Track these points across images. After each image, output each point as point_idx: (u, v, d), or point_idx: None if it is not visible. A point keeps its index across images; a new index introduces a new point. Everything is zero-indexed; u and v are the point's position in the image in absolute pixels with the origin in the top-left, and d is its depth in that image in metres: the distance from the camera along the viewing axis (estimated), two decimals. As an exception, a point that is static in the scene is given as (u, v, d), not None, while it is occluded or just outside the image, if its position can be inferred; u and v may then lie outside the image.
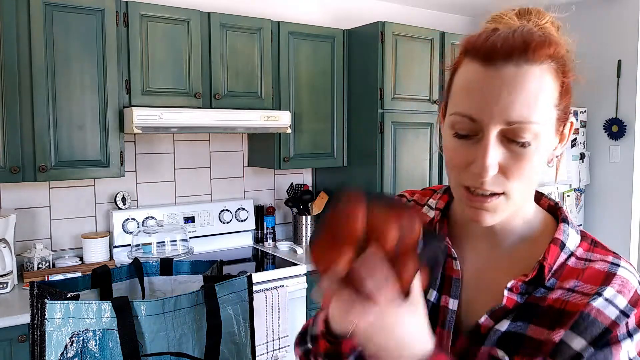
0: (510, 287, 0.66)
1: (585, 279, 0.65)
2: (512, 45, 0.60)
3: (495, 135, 0.61)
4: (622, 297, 0.63)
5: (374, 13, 3.49)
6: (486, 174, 0.61)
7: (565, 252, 0.68)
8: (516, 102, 0.60)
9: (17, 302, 2.10)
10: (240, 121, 2.52)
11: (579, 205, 3.62)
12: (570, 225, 0.71)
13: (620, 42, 3.47)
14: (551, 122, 0.63)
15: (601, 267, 0.66)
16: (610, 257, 0.67)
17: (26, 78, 2.17)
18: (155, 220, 2.69)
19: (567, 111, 0.66)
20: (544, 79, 0.61)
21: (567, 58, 0.64)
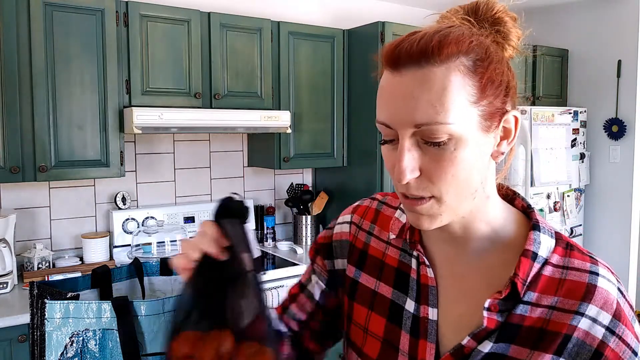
0: (488, 307, 0.64)
1: (565, 292, 0.64)
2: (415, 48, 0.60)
3: (409, 139, 0.61)
4: (605, 313, 0.63)
5: (374, 13, 3.49)
6: (403, 178, 0.61)
7: (538, 262, 0.66)
8: (420, 104, 0.59)
9: (17, 302, 2.10)
10: (240, 121, 2.52)
11: (579, 205, 3.62)
12: (542, 230, 0.68)
13: (620, 42, 3.47)
14: (472, 121, 0.61)
15: (581, 278, 0.65)
16: (588, 265, 0.66)
17: (26, 78, 2.17)
18: (155, 220, 2.69)
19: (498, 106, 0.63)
20: (450, 78, 0.59)
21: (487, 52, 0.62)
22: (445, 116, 0.59)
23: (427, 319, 0.70)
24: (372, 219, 0.82)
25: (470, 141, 0.61)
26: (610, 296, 0.64)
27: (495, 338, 0.65)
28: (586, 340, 0.62)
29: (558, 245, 0.68)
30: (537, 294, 0.65)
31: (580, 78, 3.73)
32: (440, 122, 0.59)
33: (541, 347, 0.63)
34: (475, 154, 0.62)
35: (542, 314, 0.64)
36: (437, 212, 0.64)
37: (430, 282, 0.71)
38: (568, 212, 3.53)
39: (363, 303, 0.78)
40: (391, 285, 0.75)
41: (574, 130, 3.52)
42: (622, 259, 3.53)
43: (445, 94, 0.59)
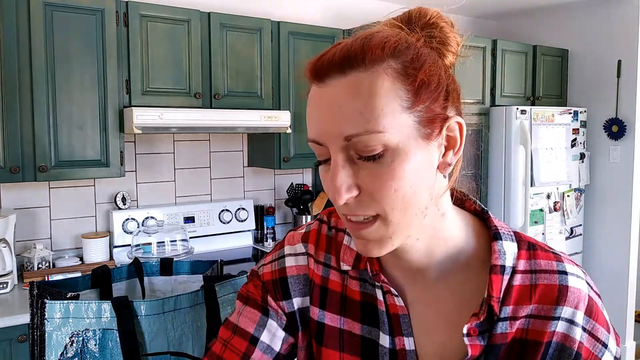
0: (467, 332, 0.60)
1: (538, 299, 0.62)
2: (338, 55, 0.55)
3: (341, 154, 0.56)
4: (579, 312, 0.62)
5: (374, 13, 3.49)
6: (339, 198, 0.55)
7: (507, 273, 0.62)
8: (348, 113, 0.54)
9: (17, 302, 2.10)
10: (240, 121, 2.52)
11: (579, 205, 3.63)
12: (503, 237, 0.64)
13: (620, 42, 3.47)
14: (408, 128, 0.55)
15: (551, 281, 0.62)
16: (554, 263, 0.63)
17: (26, 78, 2.17)
18: (155, 220, 2.69)
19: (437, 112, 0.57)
20: (378, 83, 0.54)
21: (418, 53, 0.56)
22: (375, 124, 0.54)
23: (404, 351, 0.65)
24: (326, 248, 0.72)
25: (409, 151, 0.55)
26: (582, 293, 0.62)
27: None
28: (565, 343, 0.61)
29: (521, 248, 0.64)
30: (513, 307, 0.62)
31: (580, 78, 3.73)
32: (370, 131, 0.54)
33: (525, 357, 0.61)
34: (418, 165, 0.56)
35: (520, 324, 0.62)
36: (385, 234, 0.58)
37: (401, 310, 0.65)
38: (568, 212, 3.53)
39: (332, 346, 0.69)
40: (358, 321, 0.68)
41: (574, 130, 3.52)
42: (622, 259, 3.53)
43: (374, 100, 0.54)
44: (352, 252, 0.68)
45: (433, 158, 0.58)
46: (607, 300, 3.58)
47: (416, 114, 0.55)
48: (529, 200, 3.28)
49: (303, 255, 0.73)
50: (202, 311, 1.00)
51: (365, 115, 0.54)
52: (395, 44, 0.56)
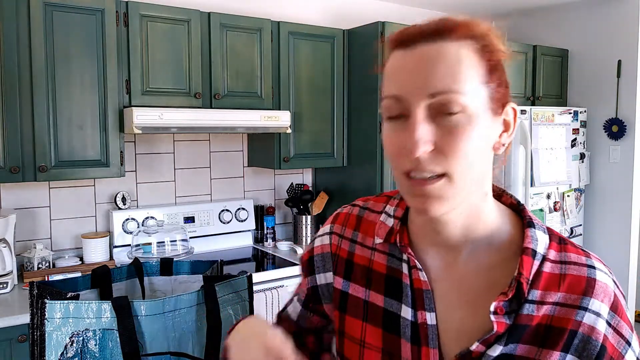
0: (494, 310, 0.63)
1: (567, 288, 0.64)
2: (428, 28, 0.63)
3: (423, 110, 0.61)
4: (605, 306, 0.64)
5: (374, 13, 3.49)
6: (417, 149, 0.60)
7: (537, 259, 0.65)
8: (436, 73, 0.60)
9: (17, 302, 2.10)
10: (240, 121, 2.52)
11: (579, 205, 3.63)
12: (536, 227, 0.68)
13: (620, 42, 3.47)
14: (482, 99, 0.62)
15: (580, 272, 0.65)
16: (584, 258, 0.67)
17: (26, 78, 2.17)
18: (155, 220, 2.69)
19: (502, 92, 0.64)
20: (463, 54, 0.61)
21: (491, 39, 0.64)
22: (460, 86, 0.60)
23: (426, 325, 0.68)
24: (355, 226, 0.79)
25: (480, 120, 0.61)
26: (609, 289, 0.65)
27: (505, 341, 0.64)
28: (592, 336, 0.63)
29: (552, 240, 0.68)
30: (541, 292, 0.64)
31: (580, 78, 3.73)
32: (455, 91, 0.60)
33: (548, 344, 0.63)
34: (483, 134, 0.62)
35: (547, 310, 0.64)
36: (447, 193, 0.62)
37: (424, 285, 0.68)
38: (568, 212, 3.53)
39: (356, 315, 0.74)
40: (382, 293, 0.72)
41: (574, 130, 3.52)
42: (622, 259, 3.53)
43: (460, 66, 0.60)
44: (387, 227, 0.74)
45: (493, 134, 0.64)
46: (607, 300, 3.58)
47: (489, 89, 0.62)
48: (529, 200, 3.28)
49: (328, 235, 0.81)
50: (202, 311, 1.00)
51: (452, 77, 0.60)
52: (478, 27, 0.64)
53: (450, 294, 0.68)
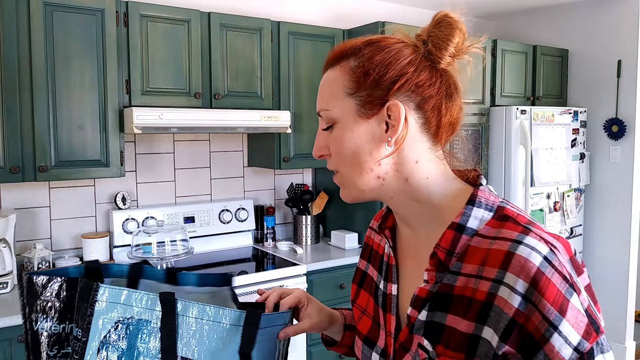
0: (426, 279, 0.71)
1: (486, 262, 0.66)
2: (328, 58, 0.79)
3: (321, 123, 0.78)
4: (521, 281, 0.62)
5: (374, 13, 3.49)
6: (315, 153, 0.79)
7: (467, 233, 0.69)
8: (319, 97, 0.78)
9: (17, 302, 2.10)
10: (240, 121, 2.52)
11: (579, 205, 3.62)
12: (477, 204, 0.71)
13: (620, 42, 3.47)
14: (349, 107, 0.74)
15: (503, 246, 0.66)
16: (515, 234, 0.66)
17: (26, 78, 2.17)
18: (155, 220, 2.69)
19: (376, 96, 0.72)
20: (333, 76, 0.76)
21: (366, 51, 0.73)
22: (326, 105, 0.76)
23: (391, 295, 0.80)
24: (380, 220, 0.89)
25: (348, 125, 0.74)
26: (529, 263, 0.62)
27: (429, 307, 0.70)
28: (504, 309, 0.63)
29: (494, 218, 0.70)
30: (464, 264, 0.68)
31: (580, 78, 3.73)
32: (324, 109, 0.76)
33: (469, 315, 0.66)
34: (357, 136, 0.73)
35: (468, 282, 0.67)
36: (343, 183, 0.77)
37: (391, 260, 0.82)
38: (568, 212, 3.53)
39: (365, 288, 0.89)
40: (376, 269, 0.87)
41: (574, 130, 3.52)
42: (622, 259, 3.53)
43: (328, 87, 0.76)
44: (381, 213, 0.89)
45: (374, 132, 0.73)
46: (607, 300, 3.58)
47: (357, 98, 0.73)
48: (529, 200, 3.28)
49: (369, 228, 0.96)
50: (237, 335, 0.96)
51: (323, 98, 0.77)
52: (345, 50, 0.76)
53: (411, 267, 0.79)
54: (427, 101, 0.72)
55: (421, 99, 0.72)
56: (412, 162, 0.74)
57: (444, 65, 0.74)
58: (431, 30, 0.75)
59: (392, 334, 0.77)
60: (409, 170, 0.74)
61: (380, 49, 0.73)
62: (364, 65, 0.72)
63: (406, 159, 0.74)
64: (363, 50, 0.73)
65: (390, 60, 0.72)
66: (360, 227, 3.05)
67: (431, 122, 0.73)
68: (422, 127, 0.73)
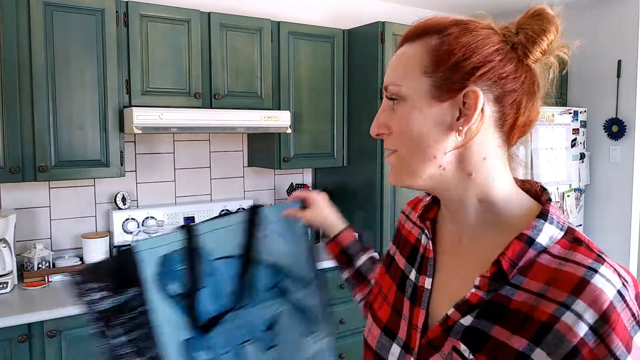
0: (477, 285, 0.66)
1: (556, 283, 0.62)
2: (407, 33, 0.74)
3: (385, 100, 0.74)
4: (592, 311, 0.59)
5: (374, 13, 3.49)
6: (373, 131, 0.74)
7: (535, 248, 0.65)
8: (390, 71, 0.73)
9: (17, 302, 2.10)
10: (240, 121, 2.52)
11: (579, 205, 3.62)
12: (549, 220, 0.67)
13: (620, 42, 3.47)
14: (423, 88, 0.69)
15: (576, 271, 0.62)
16: (589, 261, 0.62)
17: (26, 78, 2.17)
18: (155, 220, 2.69)
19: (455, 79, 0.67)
20: (412, 53, 0.71)
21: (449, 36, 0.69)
22: (399, 78, 0.71)
23: (423, 288, 0.76)
24: (413, 204, 0.92)
25: (417, 104, 0.69)
26: (604, 295, 0.59)
27: (477, 314, 0.66)
28: (567, 335, 0.59)
29: (565, 238, 0.66)
30: (527, 279, 0.64)
31: (580, 78, 3.73)
32: (394, 83, 0.71)
33: (522, 332, 0.62)
34: (427, 117, 0.68)
35: (528, 299, 0.63)
36: (397, 164, 0.72)
37: (429, 253, 0.77)
38: (568, 212, 3.53)
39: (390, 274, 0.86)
40: (404, 257, 0.84)
41: (574, 130, 3.52)
42: (622, 259, 3.53)
43: (405, 63, 0.71)
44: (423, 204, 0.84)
45: (445, 117, 0.68)
46: (607, 300, 3.58)
47: (434, 78, 0.68)
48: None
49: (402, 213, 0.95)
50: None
51: (395, 73, 0.72)
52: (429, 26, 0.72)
53: (452, 265, 0.75)
54: (508, 95, 0.68)
55: (502, 92, 0.68)
56: (479, 158, 0.69)
57: (532, 60, 0.71)
58: (525, 21, 0.72)
59: (420, 328, 0.73)
60: (475, 165, 0.69)
61: (467, 31, 0.69)
62: (449, 44, 0.68)
63: (474, 153, 0.69)
64: (449, 29, 0.69)
65: (477, 44, 0.68)
66: (360, 227, 3.05)
67: (507, 118, 0.69)
68: (497, 123, 0.69)
